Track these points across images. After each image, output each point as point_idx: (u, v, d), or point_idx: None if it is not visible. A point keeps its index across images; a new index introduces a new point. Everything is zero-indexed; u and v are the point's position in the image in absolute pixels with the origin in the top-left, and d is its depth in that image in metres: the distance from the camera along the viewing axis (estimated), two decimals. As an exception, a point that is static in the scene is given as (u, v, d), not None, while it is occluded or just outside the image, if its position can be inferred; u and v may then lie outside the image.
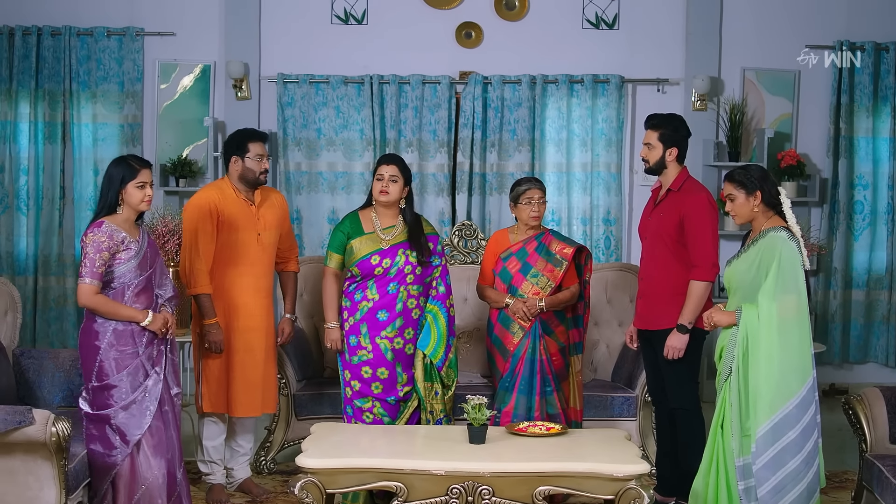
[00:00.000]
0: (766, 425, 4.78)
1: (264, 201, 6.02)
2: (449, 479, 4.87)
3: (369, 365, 5.78)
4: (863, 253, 8.83)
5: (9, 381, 5.78)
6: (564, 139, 8.63)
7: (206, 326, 5.84)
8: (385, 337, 5.77)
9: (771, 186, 5.01)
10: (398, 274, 5.78)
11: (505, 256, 6.11)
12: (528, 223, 6.08)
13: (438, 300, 5.88)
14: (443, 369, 5.80)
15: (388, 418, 5.79)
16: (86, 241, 4.96)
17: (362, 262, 5.78)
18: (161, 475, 5.07)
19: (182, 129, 8.75)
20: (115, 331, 5.02)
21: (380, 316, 5.77)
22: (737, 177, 5.04)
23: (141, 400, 5.05)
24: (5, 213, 8.66)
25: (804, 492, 4.83)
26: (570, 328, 6.11)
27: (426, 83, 8.57)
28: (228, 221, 5.86)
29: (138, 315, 5.04)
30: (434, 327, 5.82)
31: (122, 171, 5.04)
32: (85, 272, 4.94)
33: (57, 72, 8.65)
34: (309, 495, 4.88)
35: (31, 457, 4.78)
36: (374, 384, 5.78)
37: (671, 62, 8.73)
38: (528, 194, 6.05)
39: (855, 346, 8.90)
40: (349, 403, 5.84)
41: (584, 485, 4.90)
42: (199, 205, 5.86)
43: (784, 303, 4.81)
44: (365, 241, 5.81)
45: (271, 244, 6.03)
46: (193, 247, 5.82)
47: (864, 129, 8.77)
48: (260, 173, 5.93)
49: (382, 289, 5.78)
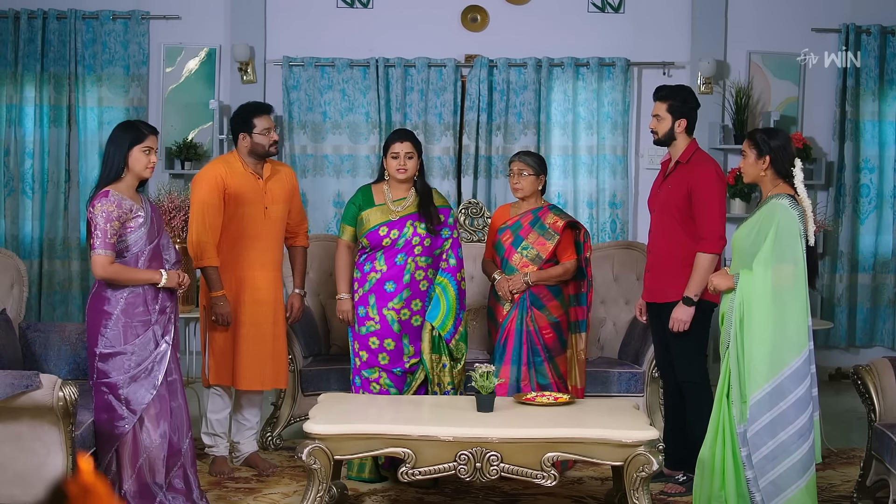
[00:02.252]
0: (758, 394, 4.77)
1: (273, 175, 6.01)
2: (457, 446, 4.86)
3: (376, 336, 5.79)
4: (869, 236, 8.81)
5: (15, 355, 5.76)
6: (570, 122, 8.62)
7: (214, 299, 5.83)
8: (392, 308, 5.78)
9: (785, 155, 4.98)
10: (406, 245, 5.79)
11: (501, 229, 6.17)
12: (514, 195, 6.13)
13: (449, 272, 5.87)
14: (451, 342, 5.79)
15: (394, 389, 5.79)
16: (94, 212, 4.91)
17: (371, 234, 5.80)
18: (163, 444, 5.04)
19: (187, 112, 8.75)
20: (129, 298, 5.00)
21: (387, 287, 5.77)
22: (755, 136, 5.04)
23: (150, 369, 5.02)
24: (11, 197, 8.66)
25: (797, 465, 4.79)
26: (572, 305, 6.10)
27: (432, 66, 8.57)
28: (235, 195, 5.86)
29: (155, 276, 5.02)
30: (443, 299, 5.81)
31: (130, 134, 5.01)
32: (97, 243, 4.89)
33: (62, 55, 8.65)
34: (317, 461, 4.87)
35: (38, 422, 4.77)
36: (380, 355, 5.79)
37: (677, 45, 8.72)
38: (511, 166, 6.13)
39: (861, 329, 8.88)
40: (357, 374, 5.85)
41: (593, 451, 4.88)
42: (207, 178, 5.86)
43: (780, 272, 4.79)
44: (375, 213, 5.83)
45: (279, 218, 6.02)
46: (201, 220, 5.81)
47: (870, 112, 8.76)
48: (269, 146, 5.93)
49: (390, 260, 5.79)
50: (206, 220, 5.80)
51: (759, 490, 4.80)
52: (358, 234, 5.90)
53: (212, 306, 5.86)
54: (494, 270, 6.13)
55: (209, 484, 5.73)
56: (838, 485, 5.94)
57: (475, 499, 5.64)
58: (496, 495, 5.69)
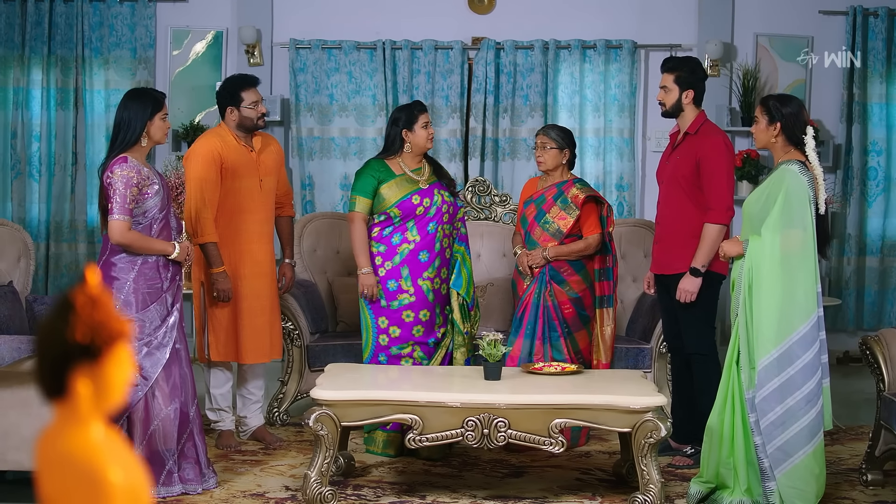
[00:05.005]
0: (766, 359, 4.76)
1: (264, 147, 6.01)
2: (464, 412, 4.85)
3: (411, 308, 5.80)
4: (877, 219, 8.78)
5: (21, 326, 5.76)
6: (577, 104, 8.61)
7: (215, 275, 5.80)
8: (427, 278, 5.82)
9: (797, 122, 4.95)
10: (437, 213, 5.86)
11: (526, 203, 6.20)
12: (538, 169, 6.14)
13: (463, 241, 5.99)
14: (473, 308, 5.88)
15: (426, 361, 5.84)
16: (113, 178, 4.89)
17: (403, 203, 5.80)
18: (174, 410, 5.05)
19: (194, 95, 8.75)
20: (142, 266, 5.00)
21: (421, 257, 5.81)
22: (768, 102, 5.02)
23: (161, 336, 5.03)
24: (17, 180, 8.66)
25: (804, 430, 4.78)
26: (599, 280, 6.09)
27: (439, 49, 8.56)
28: (232, 168, 5.83)
29: (168, 247, 5.03)
30: (464, 267, 5.91)
31: (149, 101, 5.04)
32: (116, 209, 4.88)
33: (69, 38, 8.64)
34: (323, 427, 4.86)
35: (46, 387, 4.75)
36: (415, 328, 5.81)
37: (684, 28, 8.70)
38: (536, 139, 6.18)
39: (869, 312, 8.84)
40: (383, 351, 5.82)
41: (601, 417, 4.88)
42: (202, 153, 5.81)
43: (788, 237, 4.78)
44: (399, 183, 5.84)
45: (272, 189, 6.03)
46: (199, 196, 5.75)
47: (878, 94, 8.72)
48: (258, 119, 5.92)
49: (423, 229, 5.82)
50: (205, 196, 5.75)
51: (766, 456, 4.79)
52: (380, 207, 5.86)
53: (212, 283, 5.83)
54: (518, 244, 6.15)
55: (216, 457, 5.72)
56: (847, 458, 5.92)
57: (482, 471, 5.63)
58: (503, 468, 5.68)
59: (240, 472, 5.54)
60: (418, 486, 5.35)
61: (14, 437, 4.79)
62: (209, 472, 5.22)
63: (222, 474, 5.44)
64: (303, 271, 7.09)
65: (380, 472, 5.59)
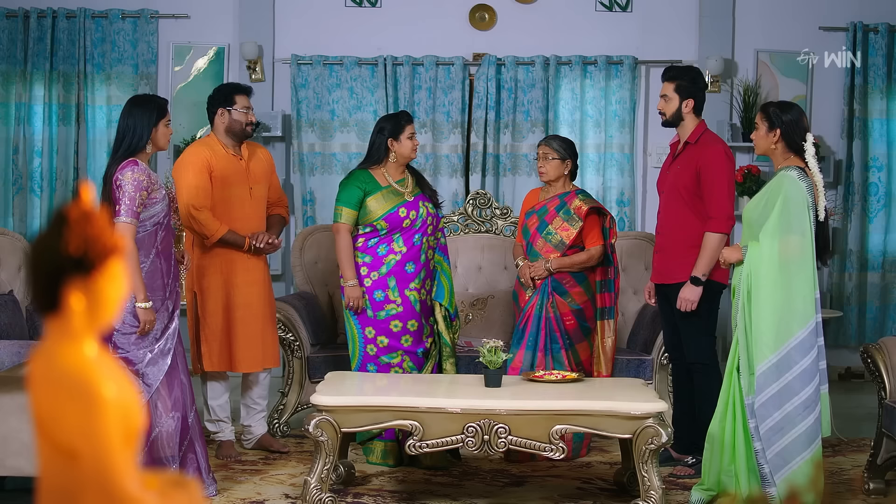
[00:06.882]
0: (765, 364, 4.76)
1: (252, 156, 6.04)
2: (465, 418, 4.84)
3: (399, 318, 5.79)
4: (878, 235, 8.77)
5: (22, 335, 5.78)
6: (578, 120, 8.62)
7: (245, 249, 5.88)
8: (413, 289, 5.82)
9: (796, 129, 4.97)
10: (423, 225, 5.86)
11: (528, 214, 6.20)
12: (540, 180, 6.16)
13: (442, 251, 6.01)
14: (455, 319, 5.86)
15: (416, 371, 5.81)
16: (123, 179, 4.90)
17: (390, 215, 5.79)
18: (175, 417, 5.04)
19: (196, 110, 8.73)
20: (148, 270, 5.00)
21: (408, 268, 5.81)
22: (768, 109, 5.05)
23: (164, 344, 5.03)
24: (19, 195, 8.66)
25: (802, 436, 4.77)
26: (600, 291, 6.09)
27: (440, 65, 8.58)
28: (221, 177, 5.85)
29: (140, 293, 4.93)
30: (444, 279, 5.94)
31: (155, 109, 5.08)
32: (123, 210, 4.88)
33: (71, 54, 8.66)
34: (323, 433, 4.85)
35: (45, 393, 4.74)
36: (403, 338, 5.80)
37: (684, 44, 8.72)
38: (538, 150, 6.19)
39: (871, 328, 8.81)
40: (372, 361, 5.81)
41: (601, 423, 4.87)
42: (193, 161, 5.83)
43: (786, 243, 4.79)
44: (385, 195, 5.83)
45: (262, 197, 6.05)
46: (195, 201, 5.76)
47: (879, 110, 8.73)
48: (246, 125, 5.94)
49: (409, 241, 5.81)
50: (200, 202, 5.76)
51: (766, 462, 4.77)
52: (366, 219, 5.86)
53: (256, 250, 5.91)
54: (520, 255, 6.14)
55: (216, 466, 5.71)
56: (848, 469, 5.90)
57: (483, 480, 5.61)
58: (504, 477, 5.66)
59: (240, 481, 5.53)
60: (419, 494, 5.34)
61: (14, 442, 4.78)
62: (209, 480, 5.21)
63: (222, 483, 5.43)
64: (304, 283, 7.09)
65: (380, 482, 5.58)
